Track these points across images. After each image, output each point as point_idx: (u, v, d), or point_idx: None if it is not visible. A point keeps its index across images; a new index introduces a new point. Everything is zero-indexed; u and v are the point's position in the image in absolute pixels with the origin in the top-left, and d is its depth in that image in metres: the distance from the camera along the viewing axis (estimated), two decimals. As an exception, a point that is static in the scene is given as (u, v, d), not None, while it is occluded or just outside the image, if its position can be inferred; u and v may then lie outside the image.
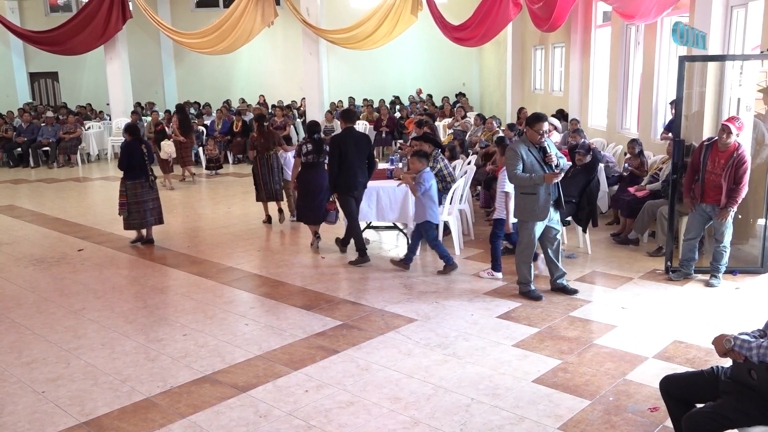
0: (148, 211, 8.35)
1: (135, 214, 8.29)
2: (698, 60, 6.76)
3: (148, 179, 8.31)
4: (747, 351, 3.10)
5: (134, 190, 8.25)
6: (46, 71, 23.33)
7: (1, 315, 6.08)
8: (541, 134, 5.82)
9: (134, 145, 8.25)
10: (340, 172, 7.25)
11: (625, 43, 10.81)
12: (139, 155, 8.22)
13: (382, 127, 16.24)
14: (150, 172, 8.34)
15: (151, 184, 8.35)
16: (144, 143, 8.45)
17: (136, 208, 8.26)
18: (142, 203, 8.28)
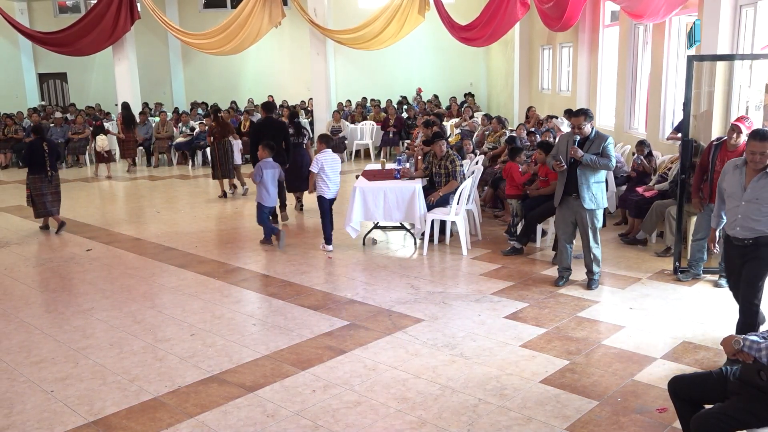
0: (48, 203, 9.31)
1: (39, 205, 9.27)
2: (707, 59, 6.73)
3: (47, 174, 9.23)
4: (756, 352, 3.09)
5: (35, 183, 9.19)
6: (54, 72, 23.44)
7: (10, 314, 6.11)
8: (574, 128, 6.18)
9: (37, 144, 9.19)
10: (256, 150, 8.65)
11: (634, 43, 10.76)
12: (40, 153, 9.16)
13: (390, 127, 16.23)
14: (49, 168, 9.23)
15: (50, 179, 9.27)
16: (47, 141, 9.39)
17: (38, 200, 9.24)
18: (42, 195, 9.22)
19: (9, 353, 5.23)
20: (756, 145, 4.28)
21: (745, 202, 4.42)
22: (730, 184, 4.56)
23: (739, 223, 4.46)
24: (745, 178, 4.45)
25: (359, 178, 8.40)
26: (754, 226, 4.40)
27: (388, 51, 19.19)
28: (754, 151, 4.29)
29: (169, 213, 10.65)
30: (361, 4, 21.57)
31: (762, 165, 4.31)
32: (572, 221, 6.33)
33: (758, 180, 4.36)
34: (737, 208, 4.47)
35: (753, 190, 4.38)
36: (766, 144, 4.24)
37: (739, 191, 4.46)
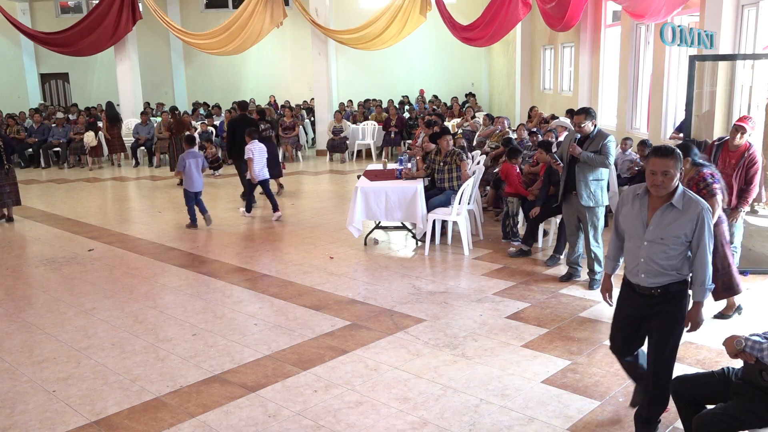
0: (5, 194, 10.05)
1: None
2: (709, 59, 6.73)
3: (3, 167, 9.97)
4: (758, 352, 3.08)
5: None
6: (56, 72, 23.47)
7: (12, 314, 6.12)
8: (576, 126, 6.25)
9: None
10: (233, 144, 10.68)
11: (635, 43, 10.76)
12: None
13: (391, 127, 16.24)
14: (5, 162, 9.97)
15: (6, 172, 10.02)
16: (2, 137, 10.15)
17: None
18: (0, 187, 9.97)
19: (11, 353, 5.23)
20: (657, 162, 3.37)
21: (648, 242, 3.48)
22: (628, 219, 3.61)
23: (643, 268, 3.52)
24: (646, 211, 3.52)
25: (361, 178, 8.41)
26: (662, 271, 3.48)
27: (390, 51, 19.21)
28: (654, 170, 3.37)
29: (170, 213, 10.65)
30: (362, 4, 21.59)
31: (665, 189, 3.40)
32: (576, 218, 6.38)
33: (663, 213, 3.45)
34: (639, 250, 3.53)
35: (657, 227, 3.46)
36: (669, 161, 3.35)
37: (639, 228, 3.53)
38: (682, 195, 3.44)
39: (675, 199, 3.42)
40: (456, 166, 8.00)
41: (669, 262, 3.46)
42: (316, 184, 13.33)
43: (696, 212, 3.39)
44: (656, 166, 3.38)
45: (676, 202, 3.42)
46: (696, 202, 3.42)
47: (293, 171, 14.79)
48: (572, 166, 6.18)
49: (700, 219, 3.39)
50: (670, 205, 3.43)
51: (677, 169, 3.37)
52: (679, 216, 3.42)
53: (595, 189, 6.15)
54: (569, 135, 6.51)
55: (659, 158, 3.37)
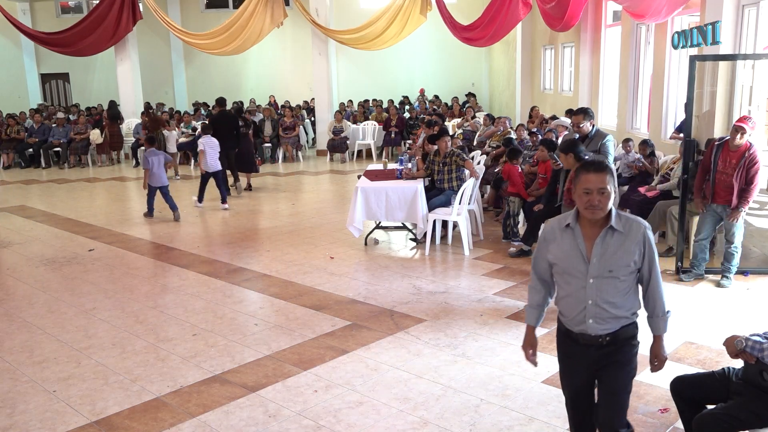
0: None
1: None
2: (709, 59, 6.72)
3: None
4: (759, 352, 3.08)
5: None
6: (57, 72, 23.47)
7: (12, 314, 6.12)
8: (574, 126, 6.37)
9: None
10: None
11: (636, 43, 10.76)
12: None
13: (391, 127, 16.24)
14: None
15: None
16: None
17: None
18: None
19: (12, 353, 5.24)
20: (592, 179, 2.86)
21: (595, 278, 2.91)
22: (561, 258, 3.00)
23: (591, 312, 2.95)
24: (583, 242, 2.95)
25: (361, 179, 8.41)
26: (614, 313, 2.96)
27: (390, 51, 19.21)
28: (589, 189, 2.86)
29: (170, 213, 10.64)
30: (363, 4, 21.59)
31: (603, 210, 2.88)
32: None
33: (604, 240, 2.91)
34: (583, 292, 2.94)
35: (602, 259, 2.90)
36: (605, 176, 2.87)
37: (579, 264, 2.94)
38: (618, 216, 2.95)
39: (614, 221, 2.91)
40: (456, 166, 8.00)
41: (622, 299, 2.96)
42: (317, 184, 13.33)
43: (640, 233, 2.92)
44: (591, 183, 2.86)
45: (616, 225, 2.91)
46: (636, 221, 2.96)
47: (294, 171, 14.80)
48: None
49: (646, 240, 2.93)
50: (610, 229, 2.91)
51: (613, 186, 2.90)
52: (623, 240, 2.91)
53: None
54: (568, 135, 6.52)
55: (594, 174, 2.87)
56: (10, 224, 10.17)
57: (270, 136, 16.18)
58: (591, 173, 2.89)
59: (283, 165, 15.77)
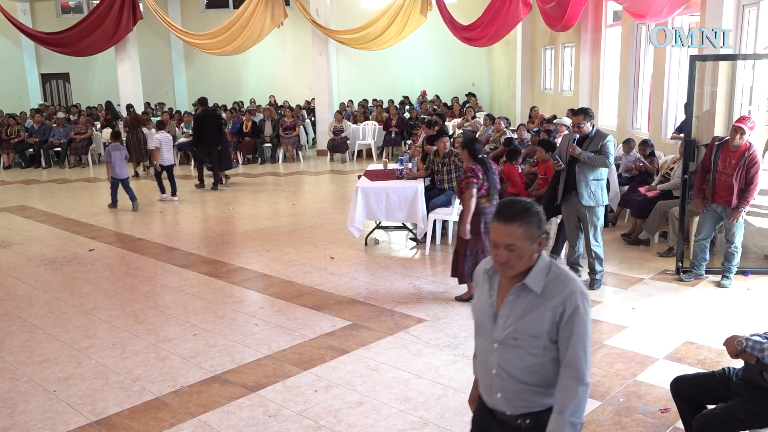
0: None
1: None
2: (709, 59, 6.72)
3: None
4: (759, 352, 3.08)
5: None
6: (57, 72, 23.47)
7: (13, 314, 6.13)
8: (574, 126, 6.29)
9: None
10: (200, 136, 12.38)
11: (636, 43, 10.76)
12: None
13: (392, 127, 16.23)
14: None
15: None
16: None
17: None
18: None
19: (12, 353, 5.24)
20: (499, 229, 2.27)
21: (499, 343, 2.34)
22: (476, 307, 2.49)
23: (497, 384, 2.37)
24: (496, 294, 2.41)
25: (361, 179, 8.41)
26: (526, 389, 2.33)
27: (391, 51, 19.20)
28: (497, 242, 2.28)
29: (171, 213, 10.66)
30: (363, 4, 21.58)
31: (512, 269, 2.29)
32: (576, 218, 6.38)
33: (515, 299, 2.33)
34: (489, 357, 2.39)
35: (507, 321, 2.33)
36: (515, 228, 2.24)
37: (487, 322, 2.41)
38: (545, 271, 2.31)
39: (530, 278, 2.29)
40: (455, 166, 7.99)
41: (534, 376, 2.31)
42: (317, 184, 13.33)
43: (562, 297, 2.25)
44: (498, 235, 2.27)
45: (532, 282, 2.29)
46: (563, 282, 2.28)
47: (294, 171, 14.80)
48: (572, 167, 6.19)
49: (569, 308, 2.24)
50: (522, 287, 2.31)
51: (532, 238, 2.25)
52: (537, 303, 2.28)
53: (596, 188, 6.15)
54: (567, 135, 6.52)
55: (503, 224, 2.26)
56: (10, 224, 10.18)
57: (270, 136, 16.19)
58: (500, 222, 2.27)
59: (284, 165, 15.77)
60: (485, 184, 5.77)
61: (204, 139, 12.38)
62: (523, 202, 2.30)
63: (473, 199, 5.68)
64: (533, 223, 2.26)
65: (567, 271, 2.33)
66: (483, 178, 5.73)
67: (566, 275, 2.30)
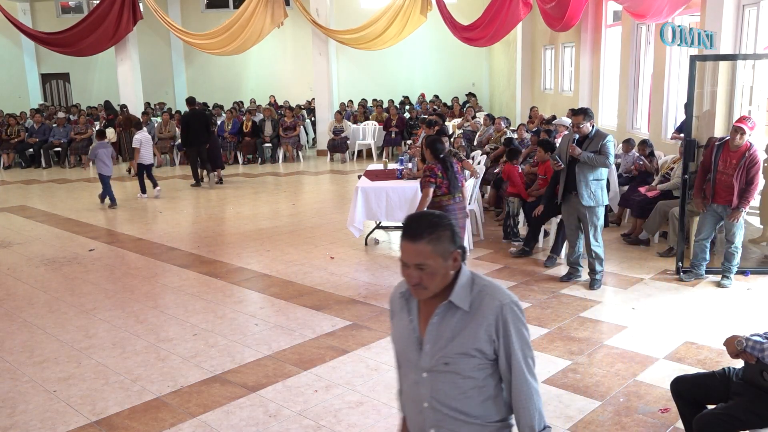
0: None
1: None
2: (710, 59, 6.72)
3: None
4: (759, 352, 3.08)
5: None
6: (57, 72, 23.47)
7: (13, 314, 6.13)
8: (574, 126, 6.27)
9: None
10: (188, 136, 12.70)
11: (636, 43, 10.76)
12: None
13: (392, 127, 16.23)
14: None
15: None
16: None
17: None
18: None
19: (12, 353, 5.24)
20: (406, 248, 2.06)
21: (428, 372, 2.13)
22: (397, 336, 2.27)
23: (431, 419, 2.15)
24: (417, 319, 2.19)
25: (361, 178, 8.41)
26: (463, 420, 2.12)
27: (391, 51, 19.20)
28: (406, 262, 2.06)
29: (171, 213, 10.66)
30: (363, 4, 21.58)
31: (426, 291, 2.08)
32: (576, 218, 6.38)
33: (441, 321, 2.12)
34: (418, 389, 2.17)
35: (436, 345, 2.11)
36: (424, 246, 2.02)
37: (412, 351, 2.17)
38: (469, 285, 2.12)
39: (456, 294, 2.10)
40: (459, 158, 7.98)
41: (472, 404, 2.11)
42: (317, 184, 13.33)
43: (493, 311, 2.07)
44: (406, 254, 2.06)
45: (458, 299, 2.10)
46: (491, 294, 2.10)
47: (294, 171, 14.80)
48: (572, 167, 6.19)
49: (503, 320, 2.07)
50: (448, 305, 2.11)
51: (444, 254, 2.04)
52: (467, 321, 2.09)
53: (596, 189, 6.15)
54: (567, 135, 6.52)
55: (408, 242, 2.05)
56: (10, 224, 10.18)
57: (270, 136, 16.19)
58: (406, 241, 2.05)
59: (284, 165, 15.78)
60: (444, 182, 5.88)
61: (192, 138, 12.71)
62: (430, 216, 2.09)
63: (428, 198, 5.86)
64: (443, 238, 2.04)
65: (492, 282, 2.15)
66: (442, 177, 5.86)
67: (492, 286, 2.13)
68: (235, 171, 15.13)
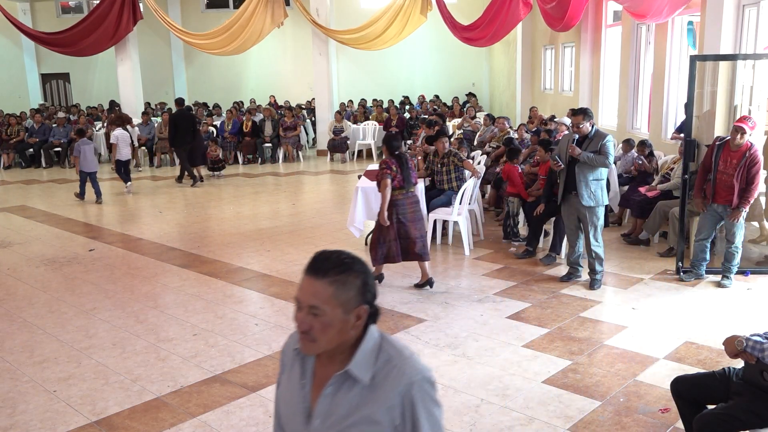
0: None
1: None
2: (710, 59, 6.72)
3: None
4: (759, 352, 3.08)
5: None
6: (57, 72, 23.47)
7: (13, 314, 6.13)
8: (574, 127, 6.27)
9: None
10: (176, 135, 13.05)
11: (636, 43, 10.76)
12: None
13: (392, 127, 16.22)
14: None
15: None
16: None
17: None
18: None
19: (12, 353, 5.24)
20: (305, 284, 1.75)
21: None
22: (282, 399, 2.01)
23: None
24: (310, 385, 1.85)
25: (361, 178, 8.40)
26: None
27: (391, 51, 19.20)
28: (299, 301, 1.75)
29: (171, 213, 10.66)
30: (363, 4, 21.58)
31: (315, 345, 1.75)
32: (576, 218, 6.38)
33: (336, 393, 1.77)
34: None
35: (326, 421, 1.78)
36: (322, 284, 1.72)
37: (298, 423, 1.86)
38: (374, 353, 1.77)
39: (356, 363, 1.75)
40: (454, 166, 7.98)
41: None
42: (317, 184, 13.33)
43: (399, 391, 1.73)
44: (301, 290, 1.76)
45: (357, 369, 1.75)
46: (400, 368, 1.74)
47: (294, 171, 14.80)
48: (572, 167, 6.19)
49: (410, 402, 1.73)
50: (345, 376, 1.76)
51: (346, 305, 1.72)
52: (366, 398, 1.75)
53: (596, 189, 6.15)
54: (566, 136, 6.52)
55: (309, 276, 1.75)
56: (10, 224, 10.18)
57: (270, 136, 16.19)
58: (307, 275, 1.75)
59: (284, 165, 15.78)
60: (398, 176, 6.21)
61: (179, 137, 13.08)
62: (344, 255, 1.77)
63: (388, 188, 6.15)
64: (350, 285, 1.72)
65: (401, 351, 1.78)
66: (396, 171, 6.18)
67: (401, 357, 1.76)
68: (235, 171, 15.13)
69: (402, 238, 6.30)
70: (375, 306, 1.79)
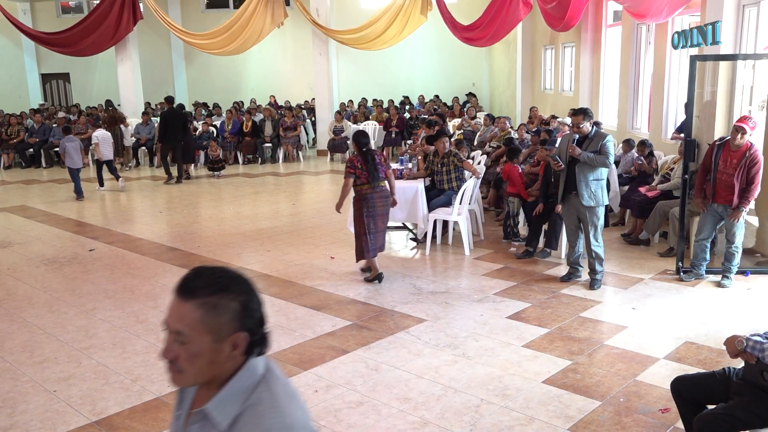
0: None
1: None
2: (710, 59, 6.72)
3: None
4: (759, 352, 3.08)
5: None
6: (57, 72, 23.47)
7: (13, 314, 6.12)
8: (574, 127, 6.28)
9: None
10: (165, 133, 13.41)
11: (636, 43, 10.76)
12: None
13: (392, 127, 16.23)
14: None
15: None
16: None
17: None
18: None
19: (12, 353, 5.24)
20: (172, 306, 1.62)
21: None
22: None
23: None
24: (185, 418, 1.68)
25: (361, 178, 8.40)
26: None
27: (391, 51, 19.20)
28: (167, 325, 1.65)
29: (171, 213, 10.66)
30: (363, 4, 21.57)
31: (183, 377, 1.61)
32: (576, 218, 6.38)
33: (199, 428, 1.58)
34: None
35: None
36: (188, 307, 1.57)
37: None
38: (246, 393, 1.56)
39: (216, 402, 1.55)
40: (454, 166, 7.98)
41: None
42: (317, 184, 13.33)
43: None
44: (169, 313, 1.61)
45: (215, 409, 1.54)
46: (259, 417, 1.53)
47: (294, 171, 14.80)
48: (572, 167, 6.19)
49: None
50: (202, 414, 1.56)
51: (217, 333, 1.53)
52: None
53: (596, 189, 6.15)
54: (566, 136, 6.52)
55: (176, 298, 1.60)
56: (10, 224, 10.18)
57: (270, 136, 16.19)
58: (175, 296, 1.58)
59: (284, 165, 15.78)
60: (364, 173, 6.47)
61: (169, 135, 13.43)
62: (221, 273, 1.57)
63: (348, 187, 6.58)
64: (225, 309, 1.50)
65: (276, 396, 1.56)
66: (361, 168, 6.45)
67: (271, 403, 1.52)
68: (236, 171, 15.12)
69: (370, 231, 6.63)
70: (260, 333, 1.54)
